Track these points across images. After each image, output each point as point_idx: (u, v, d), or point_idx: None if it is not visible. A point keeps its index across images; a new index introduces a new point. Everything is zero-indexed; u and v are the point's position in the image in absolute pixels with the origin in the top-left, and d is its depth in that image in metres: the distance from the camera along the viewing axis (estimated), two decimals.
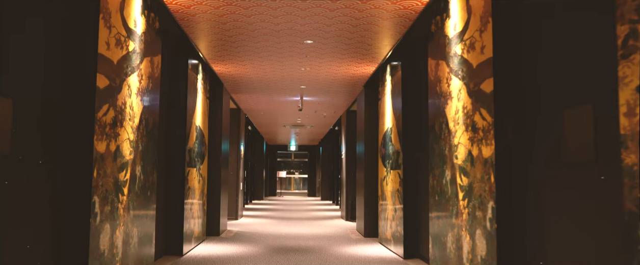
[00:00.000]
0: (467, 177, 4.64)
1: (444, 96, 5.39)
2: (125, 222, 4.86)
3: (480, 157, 4.34)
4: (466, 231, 4.64)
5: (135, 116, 5.16)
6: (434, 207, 5.72)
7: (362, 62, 8.45)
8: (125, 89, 4.82)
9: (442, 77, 5.48)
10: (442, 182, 5.41)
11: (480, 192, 4.31)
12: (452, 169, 5.08)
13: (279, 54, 7.98)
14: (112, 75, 4.45)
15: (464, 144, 4.76)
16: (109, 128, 4.40)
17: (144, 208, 5.53)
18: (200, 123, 8.62)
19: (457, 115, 4.96)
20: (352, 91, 11.11)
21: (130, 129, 4.99)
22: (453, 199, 5.04)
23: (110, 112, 4.43)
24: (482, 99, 4.32)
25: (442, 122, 5.45)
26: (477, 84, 4.47)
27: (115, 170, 4.55)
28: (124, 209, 4.82)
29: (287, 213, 16.49)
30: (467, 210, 4.64)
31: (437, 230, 5.59)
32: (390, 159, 8.32)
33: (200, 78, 8.65)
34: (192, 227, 8.09)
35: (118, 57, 4.61)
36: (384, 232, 8.81)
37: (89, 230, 3.98)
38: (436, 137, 5.66)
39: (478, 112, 4.41)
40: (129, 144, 4.94)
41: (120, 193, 4.72)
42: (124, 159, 4.81)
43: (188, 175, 7.77)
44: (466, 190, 4.67)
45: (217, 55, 8.20)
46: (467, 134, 4.66)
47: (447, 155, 5.26)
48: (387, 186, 8.50)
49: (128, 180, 4.93)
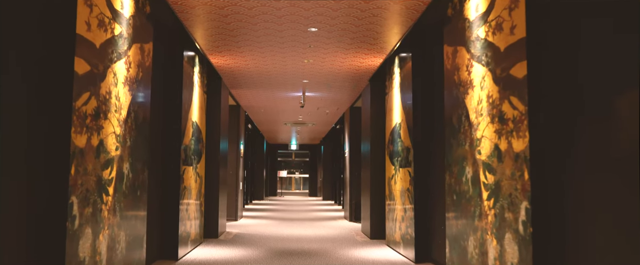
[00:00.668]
0: (493, 174, 4.14)
1: (464, 85, 4.89)
2: (110, 225, 4.36)
3: (510, 152, 3.84)
4: (492, 235, 4.14)
5: (123, 108, 4.66)
6: (451, 208, 5.22)
7: (369, 53, 7.95)
8: (110, 77, 4.32)
9: (461, 64, 4.98)
10: (461, 180, 4.91)
11: (510, 191, 3.80)
12: (474, 166, 4.58)
13: (280, 44, 7.47)
14: (93, 60, 3.94)
15: (488, 138, 4.25)
16: (90, 120, 3.90)
17: (134, 209, 5.03)
18: (196, 119, 8.12)
19: (480, 105, 4.45)
20: (356, 86, 10.60)
21: (116, 122, 4.49)
22: (475, 198, 4.54)
23: (92, 101, 3.93)
24: (513, 86, 3.82)
25: (461, 114, 4.95)
26: (505, 69, 3.96)
27: (98, 167, 4.05)
28: (109, 211, 4.32)
29: (288, 213, 15.99)
30: (493, 212, 4.14)
31: (455, 233, 5.09)
32: (399, 156, 7.82)
33: (197, 71, 8.14)
34: (188, 229, 7.59)
35: (101, 40, 4.10)
36: (392, 234, 8.31)
37: (66, 235, 3.48)
38: (454, 131, 5.16)
39: (507, 101, 3.90)
40: (114, 139, 4.43)
41: (105, 193, 4.22)
42: (109, 155, 4.31)
43: (184, 174, 7.27)
44: (492, 189, 4.17)
45: (214, 46, 7.70)
46: (493, 126, 4.16)
47: (467, 151, 4.76)
48: (396, 185, 8.00)
49: (114, 179, 4.43)
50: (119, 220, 4.57)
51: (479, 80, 4.51)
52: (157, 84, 6.43)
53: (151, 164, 6.05)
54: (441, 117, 6.28)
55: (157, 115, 6.50)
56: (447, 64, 5.44)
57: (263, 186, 24.43)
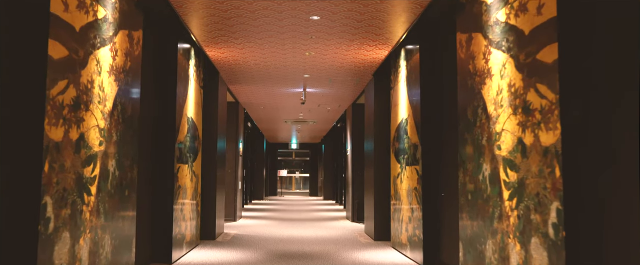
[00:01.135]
0: (516, 171, 3.74)
1: (480, 74, 4.49)
2: (93, 228, 3.96)
3: (536, 146, 3.44)
4: (515, 239, 3.73)
5: (107, 99, 4.26)
6: (465, 208, 4.82)
7: (373, 44, 7.54)
8: (93, 65, 3.92)
9: (476, 52, 4.58)
10: (477, 178, 4.50)
11: (538, 190, 3.40)
12: (492, 162, 4.17)
13: (280, 34, 7.06)
14: (72, 45, 3.54)
15: (510, 131, 3.85)
16: (69, 111, 3.50)
17: (121, 210, 4.63)
18: (192, 114, 7.71)
19: (500, 96, 4.05)
20: (359, 81, 10.19)
21: (100, 114, 4.09)
22: (494, 198, 4.13)
23: (70, 90, 3.52)
24: (540, 72, 3.42)
25: (477, 106, 4.55)
26: (530, 54, 3.56)
27: (77, 163, 3.65)
28: (91, 212, 3.92)
29: (288, 214, 15.59)
30: (515, 213, 3.74)
31: (470, 236, 4.69)
32: (405, 153, 7.41)
33: (193, 64, 7.74)
34: (183, 230, 7.19)
35: (81, 23, 3.70)
36: (397, 235, 7.90)
37: (38, 240, 3.08)
38: (469, 125, 4.75)
39: (533, 89, 3.50)
40: (98, 133, 4.03)
41: (86, 192, 3.82)
42: (91, 150, 3.91)
43: (178, 172, 6.86)
44: (514, 188, 3.77)
45: (211, 37, 7.29)
46: (516, 118, 3.76)
47: (484, 146, 4.35)
48: (402, 184, 7.59)
49: (97, 177, 4.03)
50: (103, 222, 4.17)
51: (498, 68, 4.11)
52: (148, 75, 6.04)
53: (141, 161, 5.65)
54: (452, 112, 5.88)
55: (149, 109, 6.09)
56: (460, 52, 5.04)
57: (263, 186, 24.03)
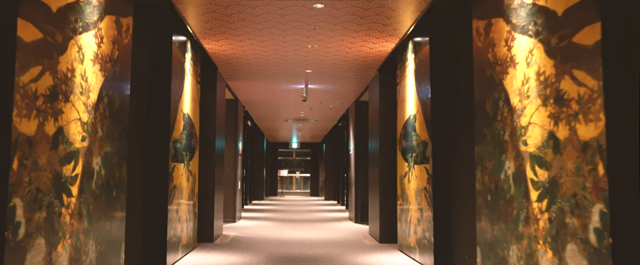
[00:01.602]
0: (546, 169, 3.34)
1: (502, 63, 4.09)
2: (74, 233, 3.56)
3: (573, 140, 3.04)
4: (546, 245, 3.33)
5: (92, 90, 3.86)
6: (484, 210, 4.42)
7: (380, 36, 7.14)
8: (73, 51, 3.52)
9: (497, 39, 4.18)
10: (498, 177, 4.10)
11: (575, 190, 3.00)
12: (516, 159, 3.78)
13: (282, 25, 6.66)
14: (48, 27, 3.14)
15: (539, 124, 3.45)
16: (44, 101, 3.10)
17: (108, 212, 4.23)
18: (188, 111, 7.31)
19: (526, 86, 3.65)
20: (363, 77, 9.79)
21: (83, 107, 3.69)
22: (519, 199, 3.73)
23: (46, 78, 3.13)
24: (577, 56, 3.02)
25: (498, 98, 4.15)
26: (564, 37, 3.16)
27: (55, 161, 3.25)
28: (72, 215, 3.52)
29: (290, 214, 15.19)
30: (546, 216, 3.34)
31: (490, 240, 4.29)
32: (413, 151, 7.01)
33: (189, 58, 7.33)
34: (178, 232, 6.79)
35: (59, 3, 3.30)
36: (405, 237, 7.50)
37: (4, 249, 2.68)
38: (487, 119, 4.35)
39: (568, 77, 3.10)
40: (80, 127, 3.63)
41: (66, 193, 3.42)
42: (72, 146, 3.51)
43: (173, 171, 6.46)
44: (544, 188, 3.37)
45: (208, 28, 6.89)
46: (547, 110, 3.36)
47: (507, 142, 3.95)
48: (410, 184, 7.19)
49: (79, 176, 3.63)
50: (87, 226, 3.77)
51: (523, 55, 3.70)
52: (141, 68, 5.64)
53: (133, 159, 5.25)
54: (466, 106, 5.48)
55: (140, 104, 5.70)
56: (477, 41, 4.64)
57: (263, 186, 23.63)
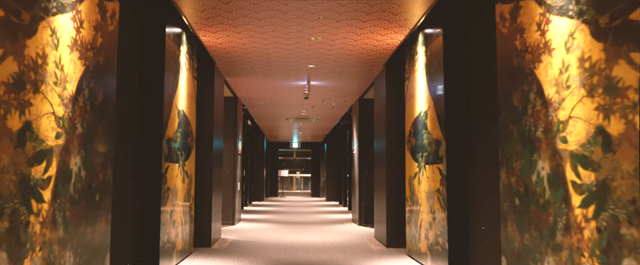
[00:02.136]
0: (593, 170, 2.88)
1: (533, 51, 3.62)
2: (46, 244, 3.09)
3: (630, 137, 2.57)
4: (593, 258, 2.87)
5: (69, 81, 3.39)
6: (511, 215, 3.95)
7: (389, 27, 6.67)
8: (45, 34, 3.06)
9: (527, 23, 3.71)
10: (529, 179, 3.64)
11: (634, 195, 2.54)
12: (553, 159, 3.31)
13: (284, 14, 6.19)
14: (10, 3, 2.68)
15: (583, 118, 2.99)
16: (6, 90, 2.64)
17: (90, 218, 3.77)
18: (184, 108, 6.84)
19: (566, 74, 3.19)
20: (369, 73, 9.32)
21: (57, 99, 3.22)
22: (556, 204, 3.27)
23: (9, 64, 2.66)
24: (636, 37, 2.55)
25: (528, 90, 3.68)
26: (617, 15, 2.69)
27: (21, 161, 2.78)
28: (43, 224, 3.05)
29: (291, 216, 14.72)
30: (593, 224, 2.87)
31: (519, 250, 3.82)
32: (425, 150, 6.55)
33: (185, 51, 6.87)
34: (173, 237, 6.32)
35: None
36: (414, 242, 7.04)
37: None
38: (515, 114, 3.89)
39: (623, 62, 2.63)
40: (54, 122, 3.17)
41: (35, 198, 2.95)
42: (44, 144, 3.05)
43: (167, 172, 6.00)
44: (590, 192, 2.90)
45: (204, 18, 6.42)
46: (593, 101, 2.89)
47: (540, 139, 3.49)
48: (420, 185, 6.73)
49: (53, 178, 3.16)
50: (62, 235, 3.30)
51: (562, 39, 3.24)
52: (129, 59, 5.18)
53: (121, 159, 4.79)
54: (483, 101, 5.02)
55: (129, 98, 5.24)
56: (501, 27, 4.18)
57: (263, 186, 23.18)
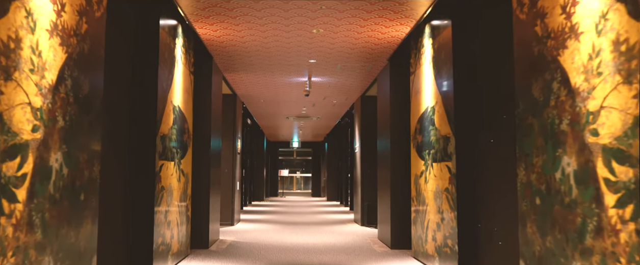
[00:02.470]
0: (631, 165, 2.57)
1: (556, 36, 3.31)
2: (20, 249, 2.79)
3: None
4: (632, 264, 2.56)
5: (48, 68, 3.09)
6: (530, 216, 3.64)
7: (394, 18, 6.36)
8: (19, 16, 2.75)
9: (550, 7, 3.41)
10: (552, 176, 3.33)
11: None
12: (581, 154, 3.00)
13: (284, 3, 5.88)
14: None
15: (618, 108, 2.68)
16: None
17: (73, 220, 3.46)
18: (180, 103, 6.54)
19: (597, 60, 2.88)
20: (372, 69, 9.01)
21: (34, 88, 2.91)
22: (585, 204, 2.96)
23: None
24: None
25: (550, 79, 3.38)
26: None
27: None
28: (17, 227, 2.74)
29: (291, 216, 14.41)
30: (631, 227, 2.57)
31: (541, 253, 3.51)
32: (432, 148, 6.24)
33: (180, 44, 6.56)
34: (168, 239, 6.02)
35: None
36: (421, 244, 6.73)
37: None
38: (535, 106, 3.58)
39: None
40: (30, 113, 2.86)
41: (7, 198, 2.64)
42: (17, 138, 2.74)
43: (161, 170, 5.70)
44: (627, 190, 2.60)
45: (201, 9, 6.12)
46: (630, 89, 2.58)
47: (565, 132, 3.18)
48: (427, 184, 6.42)
49: (28, 176, 2.86)
50: (40, 239, 3.00)
51: (592, 21, 2.93)
52: (120, 49, 4.88)
53: (110, 156, 4.49)
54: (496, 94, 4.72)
55: (120, 91, 4.94)
56: (518, 13, 3.87)
57: (263, 186, 22.88)
